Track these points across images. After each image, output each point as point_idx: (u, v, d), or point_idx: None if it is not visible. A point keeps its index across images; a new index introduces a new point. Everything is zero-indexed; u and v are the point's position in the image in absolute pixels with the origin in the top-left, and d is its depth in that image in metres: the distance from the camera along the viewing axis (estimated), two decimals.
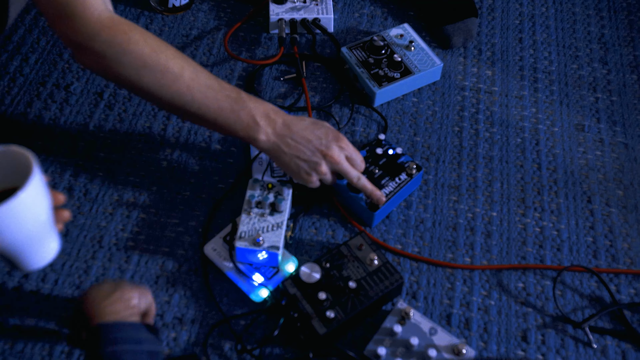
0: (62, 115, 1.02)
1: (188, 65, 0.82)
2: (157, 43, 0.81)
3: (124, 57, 0.79)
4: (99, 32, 0.78)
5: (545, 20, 1.20)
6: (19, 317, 0.83)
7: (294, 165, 0.84)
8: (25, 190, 0.51)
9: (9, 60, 1.08)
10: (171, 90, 0.81)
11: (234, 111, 0.82)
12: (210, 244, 0.88)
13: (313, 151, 0.83)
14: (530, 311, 0.86)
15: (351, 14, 1.18)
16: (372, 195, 0.87)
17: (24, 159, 0.53)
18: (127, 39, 0.78)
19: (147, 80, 0.80)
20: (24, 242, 0.54)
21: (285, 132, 0.83)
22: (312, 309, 0.79)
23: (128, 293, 0.71)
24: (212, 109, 0.82)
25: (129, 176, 0.96)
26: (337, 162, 0.84)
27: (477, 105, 1.08)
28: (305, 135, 0.83)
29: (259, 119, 0.83)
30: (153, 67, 0.79)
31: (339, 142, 0.85)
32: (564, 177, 1.00)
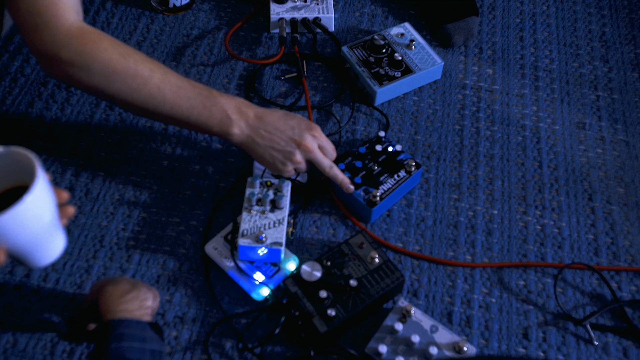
0: (63, 115, 1.03)
1: (157, 67, 0.82)
2: (125, 49, 0.81)
3: (93, 64, 0.79)
4: (68, 41, 0.78)
5: (546, 18, 1.20)
6: (20, 316, 0.83)
7: (268, 156, 0.85)
8: (31, 193, 0.51)
9: (10, 60, 1.09)
10: (142, 93, 0.81)
11: (206, 108, 0.83)
12: (212, 242, 0.88)
13: (286, 141, 0.84)
14: (532, 309, 0.86)
15: (352, 13, 1.19)
16: (342, 184, 0.89)
17: (26, 160, 0.53)
18: (96, 47, 0.79)
19: (117, 86, 0.81)
20: (31, 242, 0.55)
21: (257, 124, 0.84)
22: (313, 307, 0.79)
23: (144, 294, 0.73)
24: (184, 108, 0.83)
25: (130, 175, 0.96)
26: (310, 150, 0.85)
27: (478, 103, 1.08)
28: (278, 126, 0.84)
29: (231, 113, 0.83)
30: (122, 72, 0.80)
31: (312, 131, 0.86)
32: (565, 175, 1.00)
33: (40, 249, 0.56)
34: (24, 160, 0.54)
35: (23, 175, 0.54)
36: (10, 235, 0.52)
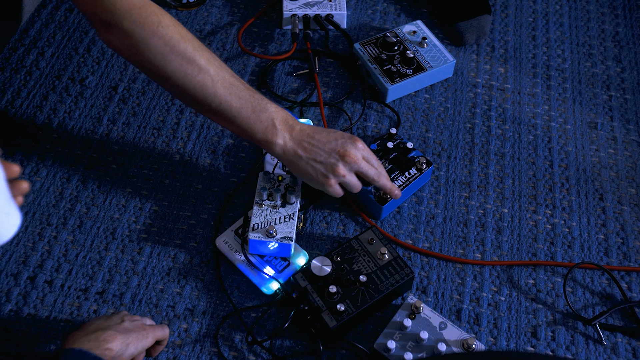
0: (77, 109, 1.04)
1: (214, 59, 0.81)
2: (186, 32, 0.80)
3: (153, 39, 0.77)
4: (129, 10, 0.76)
5: (559, 18, 1.20)
6: (33, 306, 0.84)
7: (310, 168, 0.83)
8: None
9: (26, 54, 1.10)
10: (195, 80, 0.79)
11: (255, 112, 0.81)
12: (222, 236, 0.89)
13: (329, 152, 0.82)
14: (541, 307, 0.86)
15: (364, 11, 1.19)
16: (391, 193, 0.87)
17: None
18: (158, 21, 0.77)
19: (172, 67, 0.78)
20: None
21: (301, 136, 0.83)
22: (322, 302, 0.79)
23: (109, 337, 0.69)
24: (234, 107, 0.81)
25: (142, 169, 0.97)
26: (355, 161, 0.83)
27: (489, 102, 1.08)
28: (321, 139, 0.83)
29: (278, 123, 0.82)
30: (180, 54, 0.78)
31: (355, 143, 0.84)
32: (576, 174, 0.99)
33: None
34: None
35: None
36: None
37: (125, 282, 0.87)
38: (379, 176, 0.85)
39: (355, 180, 0.85)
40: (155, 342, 0.76)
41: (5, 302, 0.84)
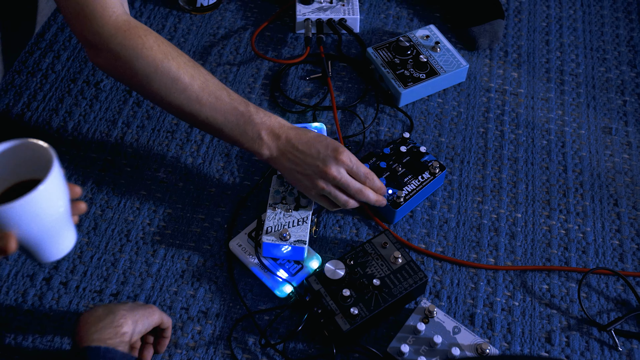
0: (91, 112, 1.04)
1: (199, 74, 0.83)
2: (170, 50, 0.82)
3: (137, 61, 0.80)
4: (115, 33, 0.79)
5: (573, 22, 1.20)
6: (48, 307, 0.85)
7: (295, 180, 0.85)
8: (45, 183, 0.51)
9: (42, 57, 1.11)
10: (181, 97, 0.82)
11: (240, 125, 0.83)
12: (236, 239, 0.89)
13: (309, 165, 0.83)
14: (555, 313, 0.86)
15: (377, 15, 1.19)
16: (377, 204, 0.86)
17: (43, 151, 0.54)
18: (142, 43, 0.80)
19: (157, 86, 0.81)
20: (43, 234, 0.55)
21: (287, 147, 0.84)
22: (336, 305, 0.80)
23: (120, 319, 0.70)
24: (219, 120, 0.83)
25: (156, 172, 0.98)
26: (334, 177, 0.82)
27: (502, 106, 1.07)
28: (305, 150, 0.83)
29: (264, 134, 0.84)
30: (164, 73, 0.81)
31: (338, 156, 0.83)
32: (590, 179, 0.99)
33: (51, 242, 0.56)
34: (40, 152, 0.54)
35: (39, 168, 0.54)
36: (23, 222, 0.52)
37: (140, 284, 0.87)
38: (360, 192, 0.84)
39: (342, 197, 0.84)
40: (160, 334, 0.77)
41: (22, 302, 0.85)
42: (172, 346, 0.82)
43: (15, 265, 0.88)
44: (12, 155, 0.54)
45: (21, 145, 0.54)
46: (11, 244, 0.51)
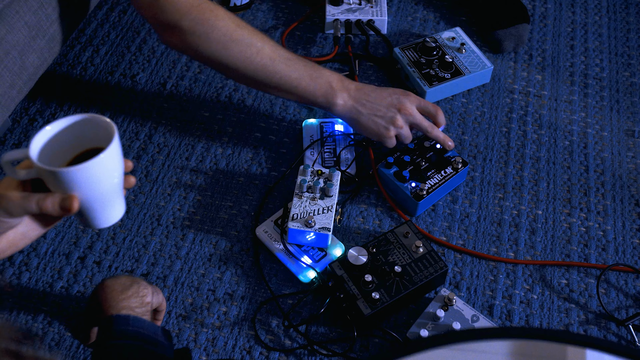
0: (127, 103, 1.09)
1: (268, 39, 0.89)
2: (239, 20, 0.88)
3: (213, 32, 0.85)
4: (188, 11, 0.84)
5: (598, 28, 1.21)
6: (82, 284, 0.89)
7: (372, 123, 0.91)
8: (106, 152, 0.56)
9: (82, 51, 1.16)
10: (255, 62, 0.87)
11: (313, 79, 0.90)
12: (262, 226, 0.92)
13: (387, 107, 0.90)
14: (573, 307, 0.87)
15: (404, 17, 1.22)
16: (444, 143, 0.94)
17: (107, 125, 0.59)
18: (214, 15, 0.85)
19: (233, 54, 0.87)
20: (99, 200, 0.59)
21: (359, 95, 0.91)
22: (357, 290, 0.82)
23: (144, 289, 0.73)
24: (293, 78, 0.89)
25: (187, 160, 1.02)
26: (410, 112, 0.91)
27: (525, 107, 1.09)
28: (378, 95, 0.91)
29: (335, 85, 0.90)
30: (239, 40, 0.86)
31: (409, 97, 0.92)
32: (612, 180, 1.00)
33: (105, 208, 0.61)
34: (103, 125, 0.59)
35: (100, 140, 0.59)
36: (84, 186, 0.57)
37: (169, 265, 0.91)
38: (432, 128, 0.93)
39: (409, 132, 0.93)
40: (154, 315, 0.78)
41: (57, 279, 0.89)
42: (199, 325, 0.85)
43: (52, 244, 0.92)
44: (79, 127, 0.59)
45: (88, 118, 0.59)
46: (74, 204, 0.56)
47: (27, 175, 0.57)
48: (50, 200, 0.55)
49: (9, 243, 0.59)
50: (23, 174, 0.57)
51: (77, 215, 0.60)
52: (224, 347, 0.84)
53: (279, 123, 1.06)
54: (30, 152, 0.56)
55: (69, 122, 0.59)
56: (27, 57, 0.88)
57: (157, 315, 0.80)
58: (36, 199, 0.55)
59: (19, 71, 0.88)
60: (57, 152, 0.59)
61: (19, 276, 0.89)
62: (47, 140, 0.58)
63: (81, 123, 0.59)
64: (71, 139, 0.59)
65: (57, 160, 0.59)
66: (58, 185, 0.56)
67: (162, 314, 0.80)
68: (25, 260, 0.91)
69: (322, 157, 0.98)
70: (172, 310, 0.86)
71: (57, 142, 0.59)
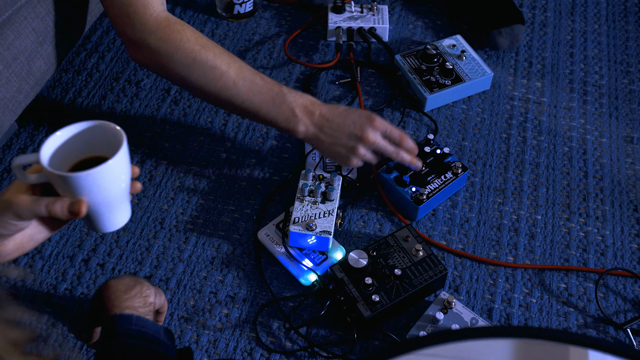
0: (132, 108, 1.11)
1: (234, 62, 0.88)
2: (206, 42, 0.88)
3: (176, 53, 0.85)
4: (155, 30, 0.85)
5: (597, 36, 1.23)
6: (86, 286, 0.90)
7: (333, 152, 0.90)
8: (115, 158, 0.58)
9: (88, 57, 1.18)
10: (218, 84, 0.87)
11: (275, 104, 0.88)
12: (264, 230, 0.93)
13: (349, 136, 0.88)
14: (572, 311, 0.88)
15: (406, 25, 1.24)
16: (412, 164, 0.92)
17: (116, 132, 0.60)
18: (180, 37, 0.86)
19: (196, 75, 0.87)
20: (106, 204, 0.61)
21: (322, 122, 0.89)
22: (358, 292, 0.83)
23: (147, 290, 0.74)
24: (255, 102, 0.88)
25: (190, 165, 1.03)
26: (372, 142, 0.88)
27: (525, 114, 1.11)
28: (341, 122, 0.89)
29: (298, 111, 0.88)
30: (202, 63, 0.86)
31: (373, 123, 0.88)
32: (611, 185, 1.01)
33: (112, 212, 0.62)
34: (112, 132, 0.61)
35: (109, 146, 0.60)
36: (92, 191, 0.58)
37: (172, 268, 0.92)
38: (396, 153, 0.90)
39: (372, 157, 0.91)
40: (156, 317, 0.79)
41: (61, 281, 0.90)
42: (201, 327, 0.86)
43: (57, 247, 0.94)
44: (89, 133, 0.61)
45: (97, 125, 0.61)
46: (82, 208, 0.57)
47: (37, 179, 0.58)
48: (59, 204, 0.57)
49: (17, 245, 0.60)
50: (33, 178, 0.58)
51: (84, 218, 0.61)
52: (225, 348, 0.85)
53: None
54: (41, 157, 0.57)
55: (79, 129, 0.61)
56: (34, 62, 0.90)
57: (159, 317, 0.81)
58: (45, 203, 0.57)
59: (26, 76, 0.89)
60: (67, 157, 0.60)
61: (23, 278, 0.90)
62: (57, 146, 0.60)
63: (91, 129, 0.61)
64: (81, 145, 0.61)
65: (67, 165, 0.60)
66: (67, 190, 0.58)
67: (163, 315, 0.81)
68: (29, 262, 0.92)
69: (324, 162, 1.00)
70: (175, 312, 0.87)
71: (66, 148, 0.60)
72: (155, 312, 0.78)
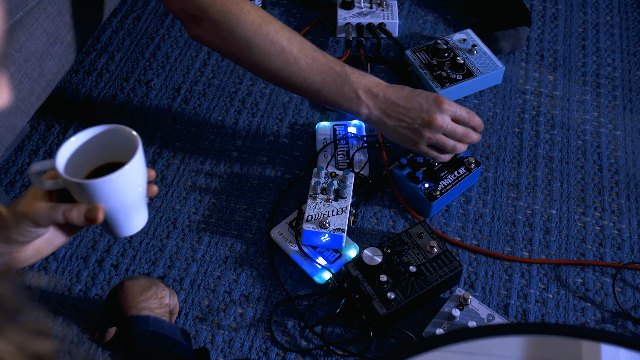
0: (142, 108, 1.11)
1: (295, 37, 0.86)
2: (266, 15, 0.85)
3: (237, 26, 0.83)
4: (214, 2, 0.83)
5: (610, 28, 1.21)
6: (100, 287, 0.90)
7: (397, 134, 0.87)
8: (131, 164, 0.58)
9: (97, 58, 1.18)
10: (279, 60, 0.85)
11: (337, 85, 0.86)
12: (277, 228, 0.93)
13: (414, 119, 0.86)
14: (589, 306, 0.87)
15: (415, 20, 1.23)
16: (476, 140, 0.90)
17: (131, 136, 0.60)
18: (240, 8, 0.83)
19: (256, 50, 0.84)
20: (123, 209, 0.60)
21: (386, 105, 0.86)
22: (373, 290, 0.82)
23: (162, 291, 0.74)
24: (317, 81, 0.86)
25: (202, 164, 1.03)
26: (441, 125, 0.85)
27: (537, 108, 1.10)
28: (406, 105, 0.86)
29: (361, 93, 0.86)
30: (263, 36, 0.84)
31: (440, 106, 0.85)
32: (626, 179, 1.00)
33: (129, 217, 0.62)
34: (127, 136, 0.60)
35: (126, 151, 0.60)
36: (109, 197, 0.58)
37: (185, 268, 0.92)
38: (466, 136, 0.87)
39: (447, 140, 0.87)
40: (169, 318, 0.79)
41: (76, 282, 0.90)
42: (215, 326, 0.86)
43: (70, 248, 0.94)
44: (103, 137, 0.60)
45: (112, 129, 0.60)
46: (99, 215, 0.57)
47: (53, 186, 0.58)
48: (76, 211, 0.57)
49: (35, 251, 0.60)
50: (49, 185, 0.58)
51: (101, 224, 0.61)
52: (240, 348, 0.84)
53: (292, 126, 1.07)
54: (57, 164, 0.57)
55: (94, 133, 0.60)
56: (45, 63, 0.89)
57: (171, 318, 0.80)
58: (62, 210, 0.57)
59: (38, 77, 0.89)
60: (83, 162, 0.60)
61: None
62: (72, 151, 0.59)
63: (106, 134, 0.61)
64: (96, 149, 0.60)
65: (83, 170, 0.60)
66: (84, 196, 0.57)
67: (174, 316, 0.81)
68: (44, 264, 0.92)
69: (336, 160, 0.99)
70: (189, 313, 0.87)
71: (82, 153, 0.60)
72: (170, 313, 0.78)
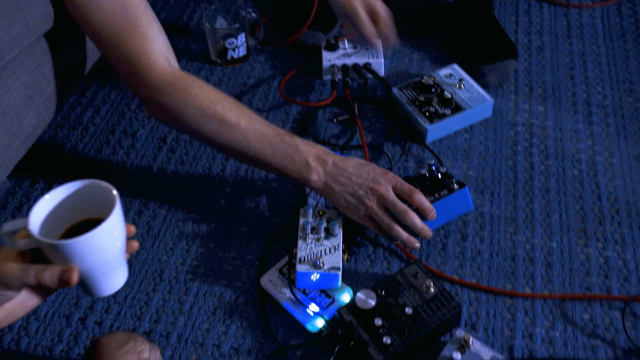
0: (128, 159, 1.09)
1: (244, 114, 0.89)
2: (215, 95, 0.89)
3: (185, 109, 0.87)
4: (163, 87, 0.87)
5: (597, 57, 1.21)
6: (83, 346, 0.86)
7: (343, 200, 0.87)
8: (108, 221, 0.55)
9: (83, 112, 1.17)
10: (229, 137, 0.88)
11: (288, 154, 0.88)
12: (267, 275, 0.89)
13: (360, 185, 0.87)
14: (599, 343, 0.82)
15: (401, 59, 1.22)
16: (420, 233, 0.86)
17: (108, 192, 0.58)
18: (187, 93, 0.87)
19: (207, 128, 0.88)
20: (101, 268, 0.58)
21: (335, 171, 0.88)
22: (368, 336, 0.78)
23: (140, 345, 0.71)
24: (267, 153, 0.88)
25: (189, 213, 1.00)
26: (382, 194, 0.85)
27: (530, 139, 1.07)
28: (353, 172, 0.87)
29: (311, 160, 0.88)
30: (212, 116, 0.87)
31: (385, 176, 0.87)
32: (627, 207, 0.97)
33: (107, 276, 0.59)
34: (104, 191, 0.58)
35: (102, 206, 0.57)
36: (85, 257, 0.55)
37: (172, 322, 0.88)
38: (405, 214, 0.85)
39: (385, 217, 0.86)
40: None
41: (57, 342, 0.86)
42: None
43: (52, 306, 0.90)
44: (80, 193, 0.58)
45: (88, 185, 0.58)
46: (74, 276, 0.54)
47: (26, 246, 0.56)
48: (49, 273, 0.54)
49: (7, 314, 0.57)
50: (22, 244, 0.56)
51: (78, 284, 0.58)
52: None
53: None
54: (30, 223, 0.55)
55: (70, 190, 0.58)
56: (24, 116, 0.88)
57: None
58: (34, 272, 0.54)
59: (17, 131, 0.88)
60: (59, 220, 0.57)
61: (18, 342, 0.86)
62: (47, 209, 0.57)
63: (82, 190, 0.58)
64: (73, 206, 0.58)
65: (59, 228, 0.57)
66: (57, 257, 0.55)
67: None
68: (24, 324, 0.88)
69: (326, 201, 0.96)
70: None
71: (58, 210, 0.57)
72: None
